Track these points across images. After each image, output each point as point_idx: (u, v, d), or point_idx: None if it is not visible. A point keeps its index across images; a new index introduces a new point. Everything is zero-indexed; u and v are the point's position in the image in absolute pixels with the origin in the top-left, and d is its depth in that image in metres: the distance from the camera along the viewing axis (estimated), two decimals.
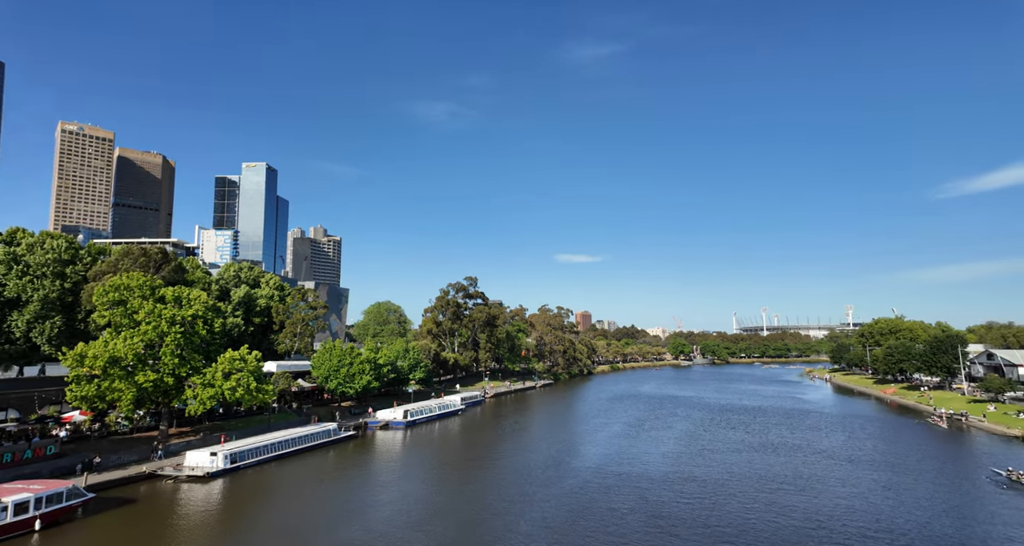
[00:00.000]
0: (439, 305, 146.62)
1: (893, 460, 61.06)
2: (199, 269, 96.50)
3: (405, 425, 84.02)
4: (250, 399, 61.38)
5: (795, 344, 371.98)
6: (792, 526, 38.51)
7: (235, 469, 53.85)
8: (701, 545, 35.06)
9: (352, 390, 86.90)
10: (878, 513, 41.60)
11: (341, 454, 64.71)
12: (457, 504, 43.95)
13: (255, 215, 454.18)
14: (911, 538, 36.27)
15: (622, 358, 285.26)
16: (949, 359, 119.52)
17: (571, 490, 47.71)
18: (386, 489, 48.79)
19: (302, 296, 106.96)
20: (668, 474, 53.88)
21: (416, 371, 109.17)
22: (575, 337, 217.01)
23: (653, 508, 42.62)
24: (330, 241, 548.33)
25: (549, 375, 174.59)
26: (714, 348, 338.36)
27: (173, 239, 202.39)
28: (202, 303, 63.20)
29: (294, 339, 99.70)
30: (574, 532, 37.14)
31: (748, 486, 49.39)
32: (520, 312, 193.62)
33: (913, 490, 48.53)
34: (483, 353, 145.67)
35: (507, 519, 39.94)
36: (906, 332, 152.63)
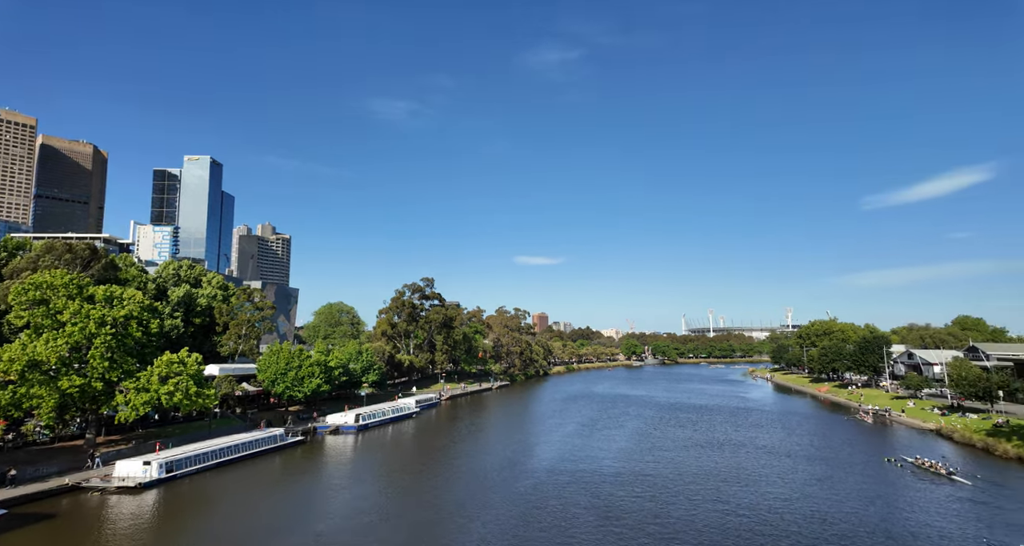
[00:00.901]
0: (394, 306, 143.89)
1: (826, 454, 65.03)
2: (134, 267, 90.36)
3: (357, 429, 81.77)
4: (189, 404, 57.97)
5: (739, 345, 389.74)
6: (736, 519, 40.23)
7: (171, 479, 50.63)
8: (651, 540, 36.02)
9: (301, 394, 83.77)
10: (814, 504, 44.17)
11: (288, 460, 62.16)
12: (409, 508, 43.13)
13: (197, 211, 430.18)
14: (843, 526, 38.71)
15: (577, 359, 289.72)
16: (876, 359, 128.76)
17: (525, 491, 47.86)
18: (335, 495, 47.25)
19: (248, 296, 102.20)
20: (620, 472, 55.05)
21: (369, 374, 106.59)
22: (532, 338, 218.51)
23: (605, 506, 43.40)
24: (279, 239, 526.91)
25: (505, 376, 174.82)
26: (664, 349, 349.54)
27: (104, 235, 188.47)
28: (137, 303, 59.23)
29: (239, 341, 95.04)
30: (527, 532, 37.25)
31: (696, 482, 51.21)
32: (478, 313, 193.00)
33: (844, 481, 51.86)
34: (439, 355, 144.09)
35: (460, 522, 39.57)
36: (839, 333, 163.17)
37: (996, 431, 70.28)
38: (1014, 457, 61.41)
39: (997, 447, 64.96)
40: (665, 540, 36.03)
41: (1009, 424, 72.99)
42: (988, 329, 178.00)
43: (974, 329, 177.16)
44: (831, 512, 42.09)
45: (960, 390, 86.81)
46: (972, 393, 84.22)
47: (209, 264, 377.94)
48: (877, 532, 37.50)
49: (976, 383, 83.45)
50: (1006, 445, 64.09)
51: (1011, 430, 69.49)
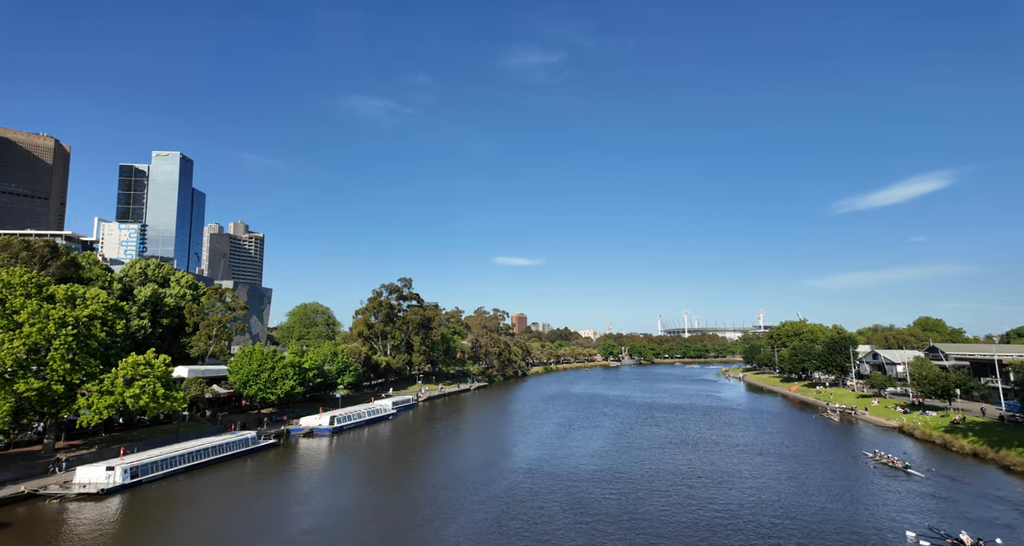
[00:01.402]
0: (371, 307, 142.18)
1: (796, 452, 66.85)
2: (98, 265, 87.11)
3: (331, 432, 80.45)
4: (156, 407, 56.22)
5: (713, 345, 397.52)
6: (709, 517, 41.03)
7: (136, 484, 48.95)
8: (626, 538, 36.42)
9: (274, 396, 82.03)
10: (784, 501, 45.35)
11: (260, 464, 60.75)
12: (384, 512, 42.63)
13: (166, 208, 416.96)
14: (811, 523, 39.86)
15: (555, 359, 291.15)
16: (843, 359, 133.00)
17: (501, 492, 47.85)
18: (308, 499, 46.38)
19: (219, 296, 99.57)
20: (596, 472, 55.51)
21: (345, 375, 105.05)
22: (511, 339, 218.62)
23: (581, 505, 43.72)
24: (252, 238, 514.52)
25: (484, 377, 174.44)
26: (641, 349, 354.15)
27: (66, 232, 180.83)
28: (101, 303, 57.13)
29: (209, 342, 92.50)
30: (503, 534, 37.26)
31: (670, 481, 52.02)
32: (456, 314, 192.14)
33: (812, 478, 53.40)
34: (417, 356, 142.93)
35: (436, 524, 39.32)
36: (808, 334, 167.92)
37: (953, 428, 73.37)
38: (969, 452, 64.22)
39: (954, 443, 67.83)
40: (640, 538, 36.49)
41: (965, 421, 76.30)
42: (947, 330, 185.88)
43: (934, 330, 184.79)
44: (800, 508, 43.29)
45: (921, 389, 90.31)
46: (932, 391, 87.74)
47: (178, 263, 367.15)
48: (842, 526, 38.76)
49: (935, 382, 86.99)
50: (962, 441, 66.98)
51: (967, 427, 72.65)
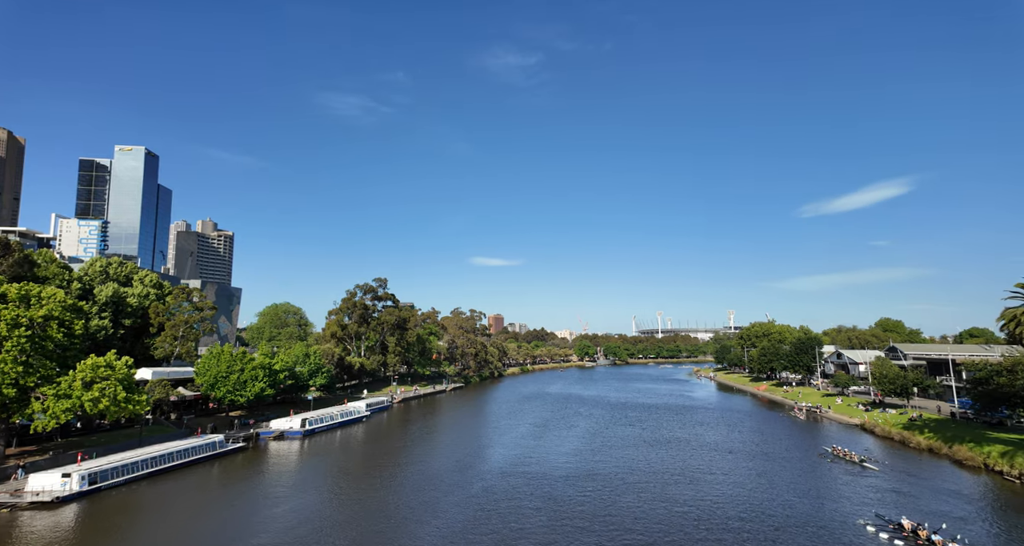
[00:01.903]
0: (345, 307, 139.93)
1: (764, 450, 68.68)
2: (55, 263, 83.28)
3: (303, 434, 78.82)
4: (117, 411, 54.13)
5: (686, 346, 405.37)
6: (681, 514, 41.79)
7: (95, 491, 46.96)
8: (599, 537, 36.74)
9: (243, 398, 79.87)
10: (753, 498, 46.53)
11: (227, 468, 59.06)
12: (356, 515, 41.98)
13: (130, 204, 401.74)
14: (779, 518, 41.00)
15: (532, 360, 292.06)
16: (809, 359, 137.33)
17: (477, 493, 47.71)
18: (278, 503, 45.29)
19: (186, 296, 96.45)
20: (571, 471, 55.88)
21: (317, 377, 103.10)
22: (487, 340, 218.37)
23: (556, 505, 43.93)
24: (221, 236, 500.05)
25: (460, 378, 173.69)
26: (616, 350, 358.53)
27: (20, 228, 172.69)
28: (58, 302, 54.68)
29: (174, 343, 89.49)
30: (477, 536, 37.14)
31: (644, 479, 52.77)
32: (432, 315, 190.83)
33: (780, 475, 54.94)
34: (392, 357, 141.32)
35: (409, 527, 38.94)
36: (776, 335, 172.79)
37: (911, 424, 76.55)
38: (925, 448, 67.15)
39: (911, 439, 70.79)
40: (614, 535, 36.88)
41: (922, 418, 79.71)
42: (906, 330, 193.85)
43: (894, 330, 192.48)
44: (767, 503, 44.49)
45: (881, 387, 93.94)
46: (891, 390, 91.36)
47: (143, 261, 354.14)
48: (806, 519, 40.01)
49: (895, 381, 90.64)
50: (919, 437, 69.96)
51: (923, 423, 75.91)
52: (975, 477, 54.62)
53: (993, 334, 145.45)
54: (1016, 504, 45.53)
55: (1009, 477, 53.08)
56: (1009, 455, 55.44)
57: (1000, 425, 71.69)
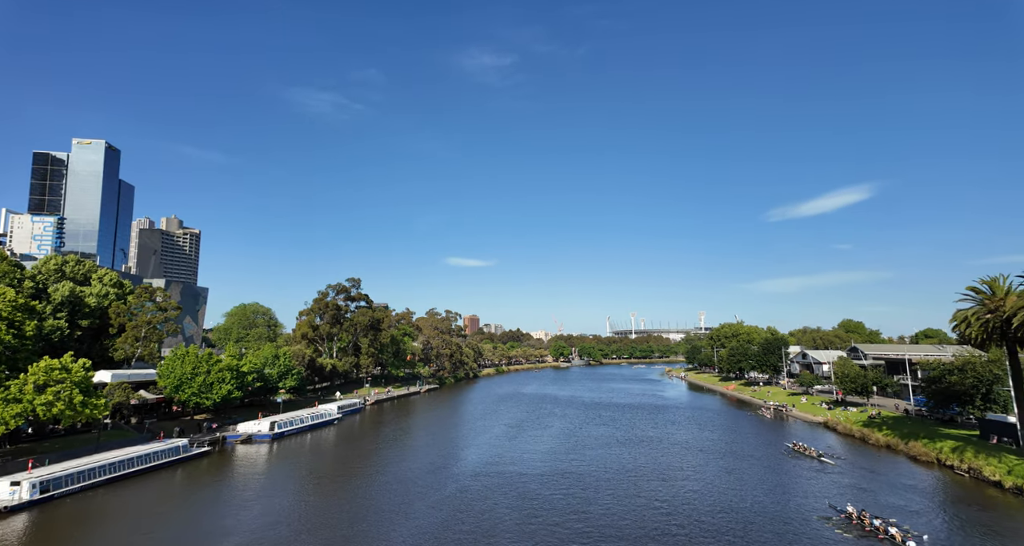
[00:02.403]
0: (316, 307, 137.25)
1: (733, 448, 70.38)
2: (5, 261, 79.15)
3: (272, 438, 76.90)
4: (73, 415, 51.82)
5: (658, 346, 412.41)
6: (654, 512, 42.43)
7: (47, 500, 44.74)
8: (574, 535, 36.99)
9: (209, 401, 77.39)
10: (722, 495, 47.61)
11: (192, 473, 57.14)
12: (327, 519, 41.17)
13: (89, 201, 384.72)
14: (747, 514, 42.05)
15: (507, 361, 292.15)
16: (776, 359, 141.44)
17: (450, 495, 47.43)
18: (244, 508, 44.04)
19: (149, 295, 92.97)
20: (545, 472, 56.10)
21: (287, 379, 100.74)
22: (463, 341, 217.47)
23: (530, 506, 44.02)
24: (186, 234, 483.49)
25: (435, 379, 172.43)
26: (590, 350, 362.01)
27: None
28: (7, 302, 51.99)
29: (136, 344, 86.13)
30: (451, 537, 36.92)
31: (617, 478, 53.38)
32: (407, 315, 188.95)
33: (748, 472, 56.38)
34: (365, 358, 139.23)
35: (381, 531, 38.42)
36: (744, 335, 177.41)
37: (870, 422, 79.64)
38: (884, 444, 69.96)
39: (871, 436, 73.65)
40: (586, 534, 37.16)
41: (880, 415, 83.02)
42: (867, 331, 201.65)
43: (855, 331, 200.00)
44: (736, 500, 45.59)
45: (843, 386, 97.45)
46: (852, 389, 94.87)
47: (103, 260, 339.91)
48: (771, 513, 41.18)
49: (856, 380, 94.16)
50: (878, 434, 72.84)
51: (881, 421, 79.08)
52: (928, 472, 57.19)
53: (946, 335, 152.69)
54: (964, 497, 47.88)
55: (959, 471, 55.76)
56: (959, 450, 58.25)
57: (951, 422, 75.25)
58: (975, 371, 69.13)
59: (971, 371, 69.68)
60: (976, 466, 53.85)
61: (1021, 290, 56.10)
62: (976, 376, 68.63)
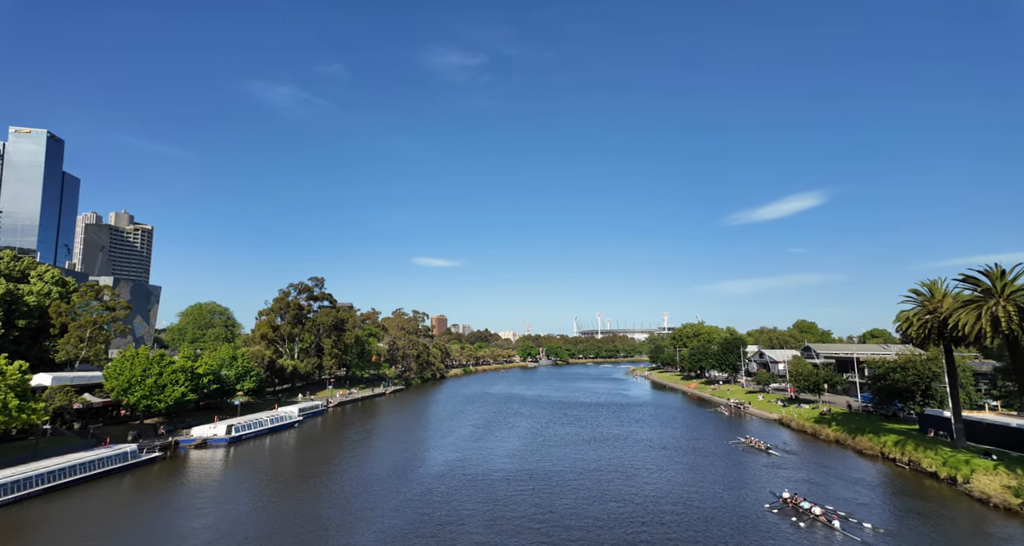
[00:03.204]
0: (277, 307, 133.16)
1: (694, 445, 72.33)
2: None
3: (228, 442, 74.10)
4: (8, 421, 48.49)
5: (623, 346, 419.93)
6: (619, 508, 43.15)
7: None
8: (539, 534, 37.15)
9: (161, 404, 73.88)
10: (684, 491, 48.85)
11: (141, 480, 54.36)
12: (286, 525, 39.95)
13: (28, 193, 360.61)
14: (708, 509, 43.28)
15: (475, 361, 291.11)
16: (734, 358, 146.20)
17: (415, 497, 46.87)
18: (198, 515, 42.21)
19: (95, 294, 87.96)
20: (512, 472, 56.17)
21: (245, 380, 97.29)
22: (430, 341, 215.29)
23: (496, 506, 43.97)
24: (138, 230, 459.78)
25: (400, 380, 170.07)
26: (557, 350, 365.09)
27: None
28: None
29: (80, 345, 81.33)
30: (415, 540, 36.47)
31: (582, 476, 53.98)
32: (372, 316, 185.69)
33: (709, 468, 58.05)
34: (328, 360, 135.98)
35: (341, 536, 37.58)
36: (705, 335, 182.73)
37: (821, 418, 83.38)
38: (833, 439, 73.38)
39: (821, 432, 77.12)
40: (551, 533, 37.39)
41: (831, 412, 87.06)
42: (819, 331, 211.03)
43: (809, 331, 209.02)
44: (696, 495, 46.85)
45: (796, 384, 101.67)
46: (805, 386, 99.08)
47: (44, 256, 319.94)
48: (733, 509, 42.55)
49: (808, 378, 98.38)
50: (828, 430, 76.34)
51: (831, 417, 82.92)
52: (873, 465, 60.35)
53: (890, 334, 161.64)
54: (903, 487, 50.82)
55: (900, 464, 59.09)
56: (900, 444, 61.72)
57: (894, 417, 79.66)
58: (915, 369, 73.43)
59: (912, 369, 73.95)
60: (915, 458, 57.19)
61: (957, 292, 59.88)
62: (916, 373, 72.92)
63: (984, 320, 50.54)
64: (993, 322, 50.08)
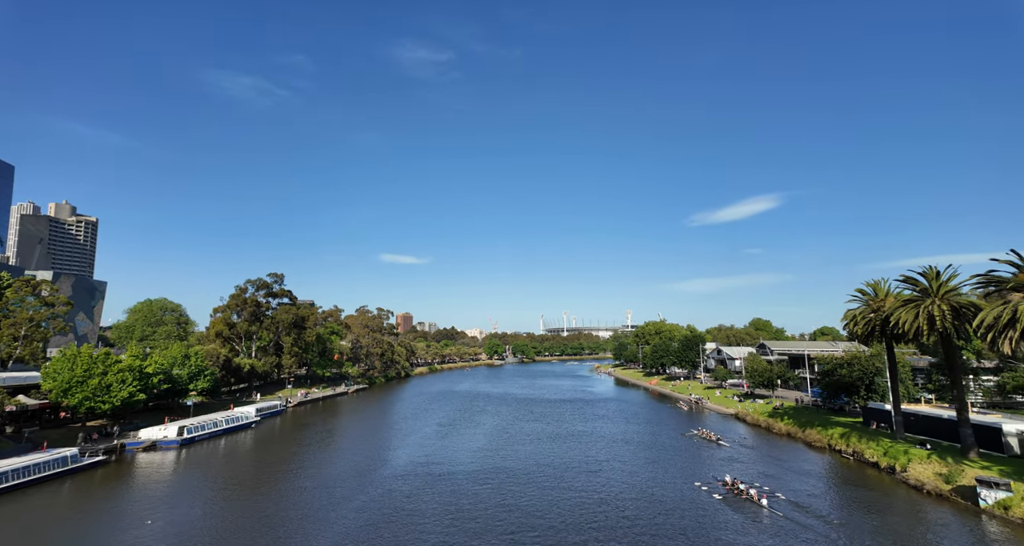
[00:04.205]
0: (234, 304, 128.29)
1: (655, 440, 74.17)
2: None
3: (180, 444, 70.97)
4: None
5: (588, 343, 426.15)
6: (583, 502, 43.81)
7: None
8: (503, 531, 37.24)
9: (107, 405, 69.96)
10: (646, 484, 50.00)
11: (82, 486, 51.33)
12: (240, 529, 38.58)
13: None
14: (668, 502, 44.42)
15: (441, 359, 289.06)
16: (694, 355, 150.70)
17: (376, 498, 46.16)
18: (143, 522, 40.12)
19: (31, 289, 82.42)
20: (476, 469, 56.09)
21: (199, 380, 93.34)
22: (394, 339, 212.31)
23: (460, 503, 43.80)
24: (81, 222, 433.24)
25: (364, 379, 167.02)
26: (524, 348, 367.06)
27: None
28: None
29: (14, 344, 76.05)
30: (376, 541, 35.92)
31: (547, 472, 54.46)
32: (335, 313, 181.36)
33: (669, 462, 59.62)
34: (287, 358, 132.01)
35: (299, 538, 36.61)
36: (667, 333, 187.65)
37: (775, 412, 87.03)
38: (785, 433, 76.73)
39: (775, 425, 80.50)
40: (515, 530, 37.54)
41: (783, 406, 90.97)
42: (773, 329, 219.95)
43: (764, 329, 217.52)
44: (657, 488, 48.06)
45: (751, 380, 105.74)
46: (760, 382, 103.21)
47: None
48: (693, 500, 43.88)
49: (763, 374, 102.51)
50: (780, 424, 79.75)
51: (784, 411, 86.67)
52: (821, 456, 63.46)
53: (838, 332, 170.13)
54: (847, 477, 53.70)
55: (846, 455, 62.37)
56: (846, 436, 65.14)
57: (841, 411, 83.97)
58: (860, 364, 77.60)
59: (857, 365, 78.11)
60: (859, 450, 60.48)
61: (898, 292, 63.59)
62: (861, 369, 77.07)
63: (921, 318, 53.88)
64: (929, 320, 53.47)
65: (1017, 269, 45.06)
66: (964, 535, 36.94)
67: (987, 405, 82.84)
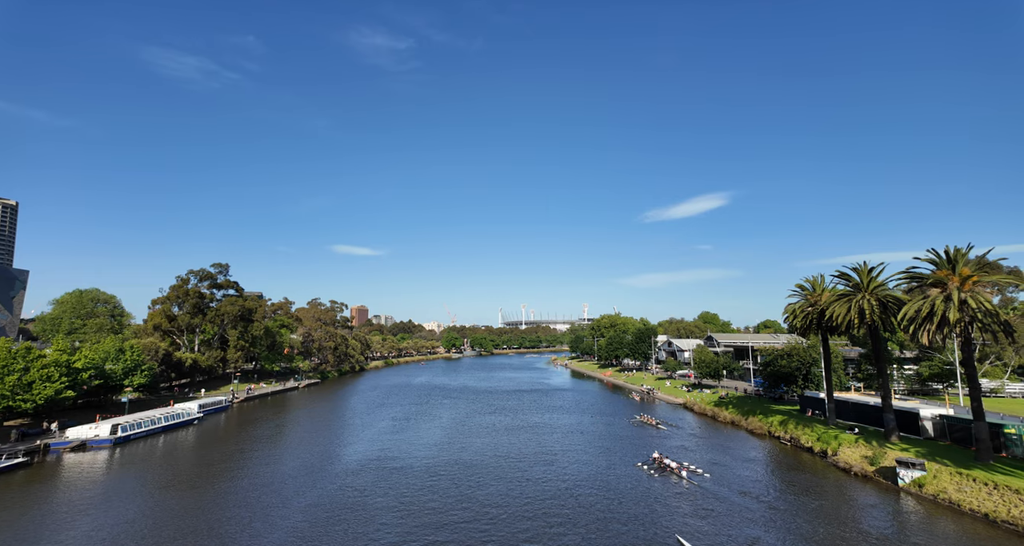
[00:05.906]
0: (174, 295, 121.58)
1: (608, 430, 76.00)
2: None
3: (113, 443, 66.76)
4: None
5: (546, 336, 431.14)
6: (539, 492, 44.29)
7: None
8: (458, 523, 37.20)
9: (28, 403, 64.79)
10: (599, 472, 51.15)
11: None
12: (177, 532, 36.70)
13: None
14: (621, 488, 45.63)
15: (397, 353, 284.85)
16: (646, 347, 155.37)
17: (326, 495, 45.05)
18: (68, 526, 37.54)
19: None
20: (433, 463, 55.73)
21: (135, 375, 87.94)
22: (349, 333, 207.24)
23: (415, 498, 43.38)
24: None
25: (315, 374, 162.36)
26: (482, 341, 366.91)
27: None
28: None
29: None
30: (324, 540, 35.10)
31: (503, 464, 54.77)
32: (285, 306, 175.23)
33: (621, 451, 61.24)
34: (233, 352, 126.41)
35: (243, 538, 35.26)
36: (621, 326, 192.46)
37: (720, 402, 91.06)
38: (729, 421, 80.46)
39: (719, 414, 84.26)
40: (469, 521, 37.59)
41: (728, 396, 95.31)
42: (720, 322, 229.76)
43: (712, 322, 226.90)
44: (610, 476, 49.30)
45: (699, 370, 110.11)
46: (707, 373, 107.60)
47: None
48: (638, 481, 45.31)
49: (710, 365, 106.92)
50: (725, 412, 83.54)
51: (729, 401, 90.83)
52: (762, 442, 66.98)
53: (780, 325, 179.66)
54: (784, 461, 56.97)
55: (784, 441, 66.11)
56: (784, 423, 69.02)
57: (780, 400, 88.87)
58: (799, 355, 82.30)
59: (796, 355, 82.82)
60: (796, 436, 64.24)
61: (833, 287, 67.72)
62: (799, 360, 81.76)
63: (853, 312, 57.62)
64: (860, 313, 57.26)
65: (935, 266, 48.83)
66: (884, 511, 40.00)
67: (908, 392, 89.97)
